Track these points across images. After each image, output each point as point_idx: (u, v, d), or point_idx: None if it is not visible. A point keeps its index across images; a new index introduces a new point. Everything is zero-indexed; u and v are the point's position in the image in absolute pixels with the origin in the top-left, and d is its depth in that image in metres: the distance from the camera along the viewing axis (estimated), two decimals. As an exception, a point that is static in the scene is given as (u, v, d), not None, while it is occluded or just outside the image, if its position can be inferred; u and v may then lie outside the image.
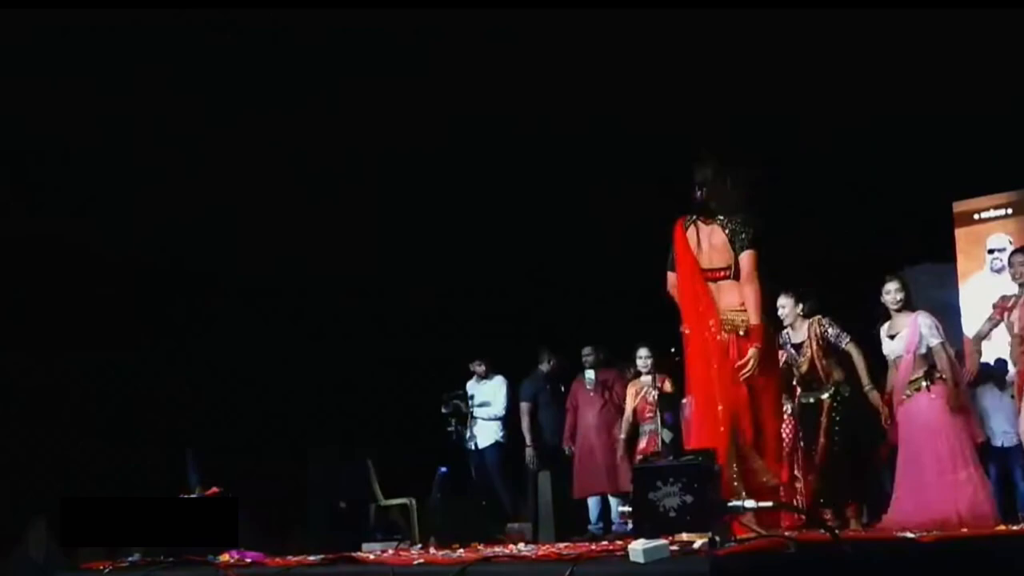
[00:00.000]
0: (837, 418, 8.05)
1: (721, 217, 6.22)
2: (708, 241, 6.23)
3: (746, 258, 6.11)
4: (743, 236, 6.14)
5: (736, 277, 6.16)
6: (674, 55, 9.53)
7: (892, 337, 7.66)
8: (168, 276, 10.85)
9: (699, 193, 6.14)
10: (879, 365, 7.98)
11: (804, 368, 8.13)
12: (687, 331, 6.16)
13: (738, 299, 6.12)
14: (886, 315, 7.80)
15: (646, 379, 9.68)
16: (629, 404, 9.87)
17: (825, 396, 8.08)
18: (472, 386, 11.03)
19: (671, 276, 6.34)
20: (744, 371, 6.07)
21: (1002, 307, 7.70)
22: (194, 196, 10.30)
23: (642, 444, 9.56)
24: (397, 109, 10.06)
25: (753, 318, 6.05)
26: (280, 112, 9.81)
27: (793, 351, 8.10)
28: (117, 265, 10.50)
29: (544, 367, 11.02)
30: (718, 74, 9.78)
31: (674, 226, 6.33)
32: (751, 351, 6.08)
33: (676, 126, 9.31)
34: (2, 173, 9.69)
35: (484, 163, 10.69)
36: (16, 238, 9.72)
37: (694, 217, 6.29)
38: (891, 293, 7.70)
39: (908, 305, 7.72)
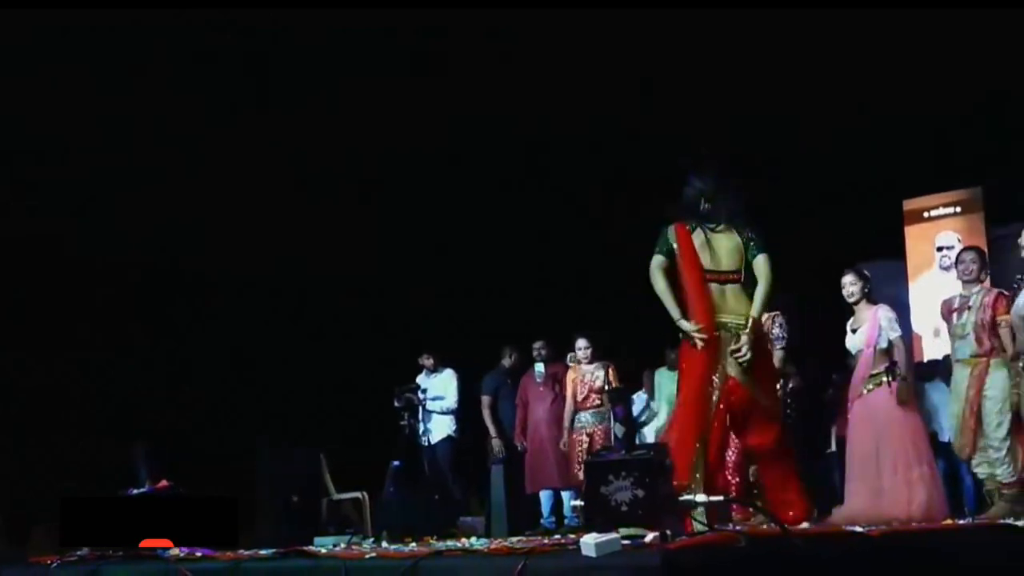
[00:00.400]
0: (790, 412, 8.16)
1: (727, 223, 6.38)
2: (718, 245, 6.36)
3: (763, 260, 6.30)
4: (754, 241, 6.33)
5: (744, 282, 6.33)
6: (638, 57, 9.78)
7: (854, 331, 7.66)
8: (118, 272, 10.84)
9: (703, 203, 6.29)
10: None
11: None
12: (692, 326, 6.23)
13: (743, 306, 6.27)
14: (851, 309, 7.82)
15: (587, 368, 9.78)
16: (569, 393, 9.98)
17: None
18: (423, 380, 11.00)
19: (659, 259, 6.43)
20: (739, 356, 6.19)
21: (946, 308, 7.81)
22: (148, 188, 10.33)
23: (580, 435, 9.69)
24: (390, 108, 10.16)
25: (755, 311, 6.23)
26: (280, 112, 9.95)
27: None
28: (67, 261, 10.50)
29: (506, 362, 11.06)
30: (669, 77, 9.98)
31: (675, 228, 6.45)
32: (744, 337, 6.20)
33: (633, 125, 9.55)
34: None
35: (446, 158, 10.72)
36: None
37: (695, 225, 6.42)
38: (846, 287, 7.70)
39: (869, 299, 7.72)
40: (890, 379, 7.44)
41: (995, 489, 7.50)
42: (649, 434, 8.88)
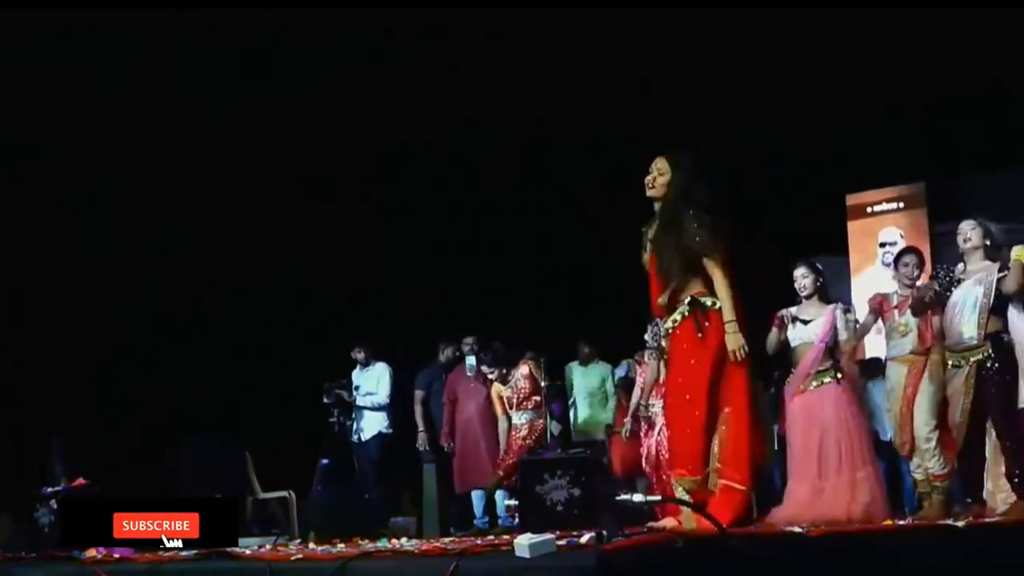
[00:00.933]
0: None
1: (692, 216, 6.22)
2: (674, 241, 6.22)
3: (719, 258, 6.15)
4: (709, 235, 6.14)
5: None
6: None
7: (805, 322, 7.59)
8: (34, 267, 10.77)
9: (670, 196, 6.16)
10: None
11: None
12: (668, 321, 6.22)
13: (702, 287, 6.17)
14: (791, 300, 7.78)
15: (509, 380, 9.82)
16: (500, 412, 9.97)
17: None
18: (356, 375, 10.89)
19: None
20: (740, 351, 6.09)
21: (879, 302, 7.80)
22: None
23: (520, 433, 9.63)
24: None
25: (728, 312, 6.07)
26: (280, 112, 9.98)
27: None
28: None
29: (442, 357, 10.99)
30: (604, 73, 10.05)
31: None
32: (729, 325, 6.10)
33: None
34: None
35: (384, 153, 10.87)
36: None
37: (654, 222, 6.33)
38: (798, 280, 7.67)
39: (822, 293, 7.72)
40: (837, 377, 7.45)
41: (928, 489, 7.55)
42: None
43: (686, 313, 6.17)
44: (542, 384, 9.66)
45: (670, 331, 6.29)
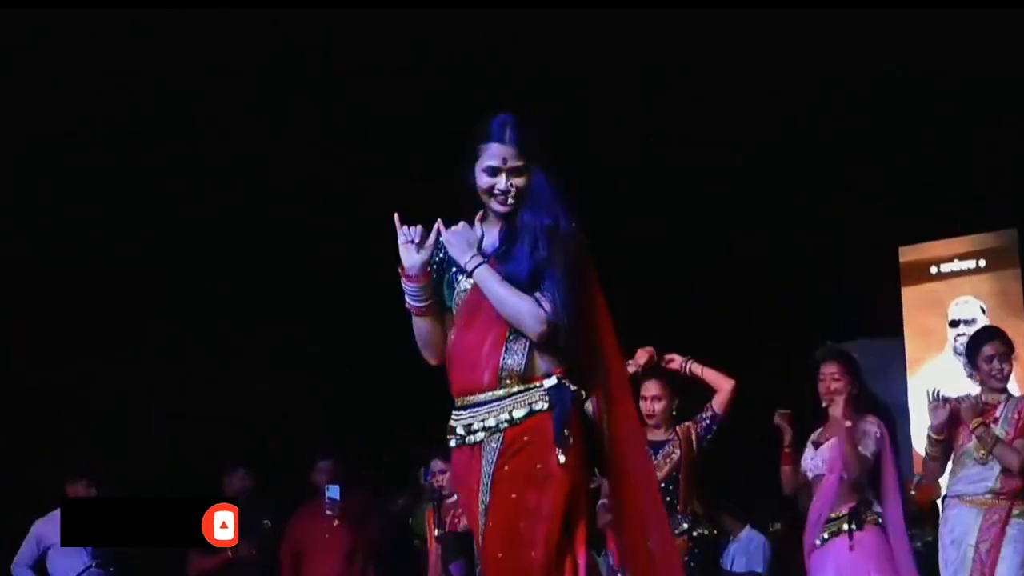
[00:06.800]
0: (691, 564, 7.21)
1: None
2: None
3: None
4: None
5: None
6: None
7: (816, 445, 7.02)
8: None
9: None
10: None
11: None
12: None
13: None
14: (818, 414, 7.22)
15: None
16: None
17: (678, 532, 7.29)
18: None
19: None
20: None
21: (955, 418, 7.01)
22: None
23: None
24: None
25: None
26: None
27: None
28: None
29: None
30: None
31: None
32: None
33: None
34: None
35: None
36: None
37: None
38: (825, 379, 6.93)
39: (855, 401, 6.95)
40: (854, 527, 6.80)
41: None
42: None
43: None
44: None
45: None
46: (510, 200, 4.54)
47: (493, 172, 4.47)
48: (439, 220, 4.62)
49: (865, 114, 10.08)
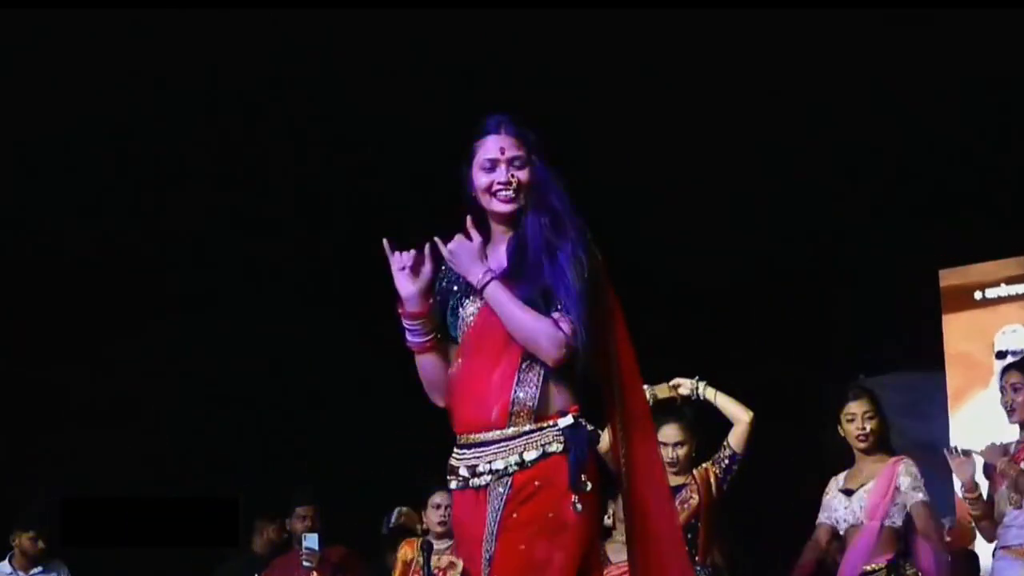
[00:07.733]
0: None
1: None
2: None
3: None
4: None
5: None
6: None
7: (848, 493, 6.80)
8: None
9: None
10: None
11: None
12: None
13: None
14: (837, 456, 7.09)
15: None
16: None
17: None
18: None
19: None
20: None
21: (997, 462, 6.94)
22: None
23: None
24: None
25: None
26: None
27: None
28: None
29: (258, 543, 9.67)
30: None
31: None
32: None
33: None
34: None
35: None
36: None
37: None
38: (858, 419, 6.77)
39: (885, 443, 6.88)
40: None
41: None
42: None
43: None
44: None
45: None
46: (512, 193, 4.38)
47: (492, 165, 4.34)
48: (432, 240, 4.44)
49: (905, 127, 9.83)
